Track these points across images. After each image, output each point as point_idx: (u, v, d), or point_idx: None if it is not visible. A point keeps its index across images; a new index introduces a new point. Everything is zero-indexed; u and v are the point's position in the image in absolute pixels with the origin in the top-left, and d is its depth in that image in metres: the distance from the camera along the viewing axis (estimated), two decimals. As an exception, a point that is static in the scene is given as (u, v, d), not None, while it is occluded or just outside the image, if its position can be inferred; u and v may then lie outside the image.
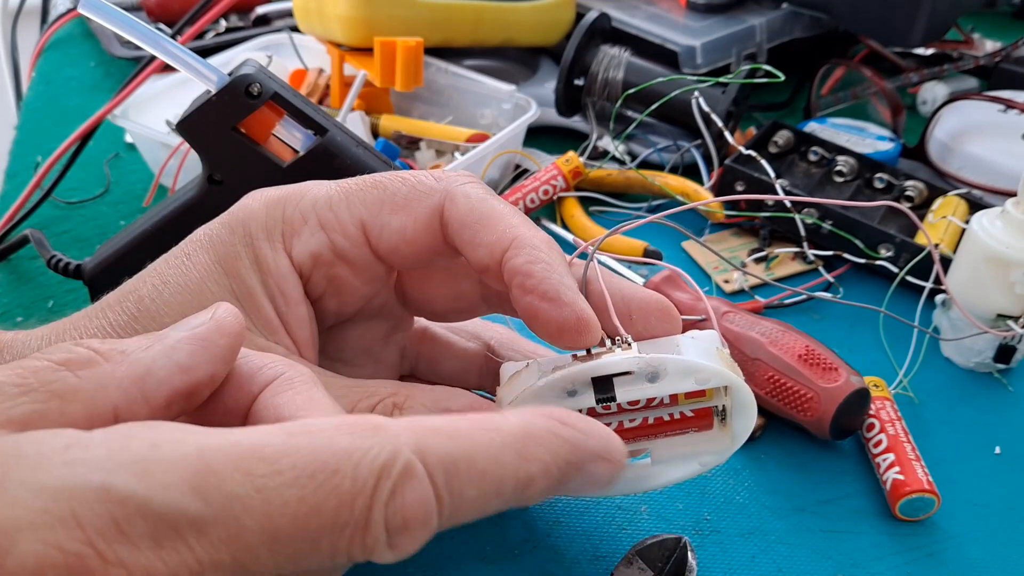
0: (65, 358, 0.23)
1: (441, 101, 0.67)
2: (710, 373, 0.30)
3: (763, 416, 0.44)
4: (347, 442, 0.21)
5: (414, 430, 0.22)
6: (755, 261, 0.55)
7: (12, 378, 0.22)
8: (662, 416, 0.32)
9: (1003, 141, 0.63)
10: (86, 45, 0.85)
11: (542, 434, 0.24)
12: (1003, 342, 0.46)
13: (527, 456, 0.23)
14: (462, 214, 0.31)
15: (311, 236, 0.31)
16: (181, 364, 0.24)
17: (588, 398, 0.30)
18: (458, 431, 0.23)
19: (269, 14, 0.83)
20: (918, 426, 0.44)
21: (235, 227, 0.32)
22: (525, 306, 0.29)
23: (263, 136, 0.41)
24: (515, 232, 0.30)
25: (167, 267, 0.32)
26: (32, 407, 0.22)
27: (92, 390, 0.23)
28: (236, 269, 0.31)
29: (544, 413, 0.25)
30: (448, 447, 0.22)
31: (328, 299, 0.33)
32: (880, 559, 0.38)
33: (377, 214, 0.31)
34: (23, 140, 0.70)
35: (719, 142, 0.61)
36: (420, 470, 0.21)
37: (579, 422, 0.25)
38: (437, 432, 0.22)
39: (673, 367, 0.29)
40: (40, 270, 0.54)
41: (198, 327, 0.25)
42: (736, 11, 0.73)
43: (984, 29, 0.83)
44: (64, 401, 0.22)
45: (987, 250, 0.45)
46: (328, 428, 0.22)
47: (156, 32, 0.38)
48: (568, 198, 0.60)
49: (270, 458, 0.21)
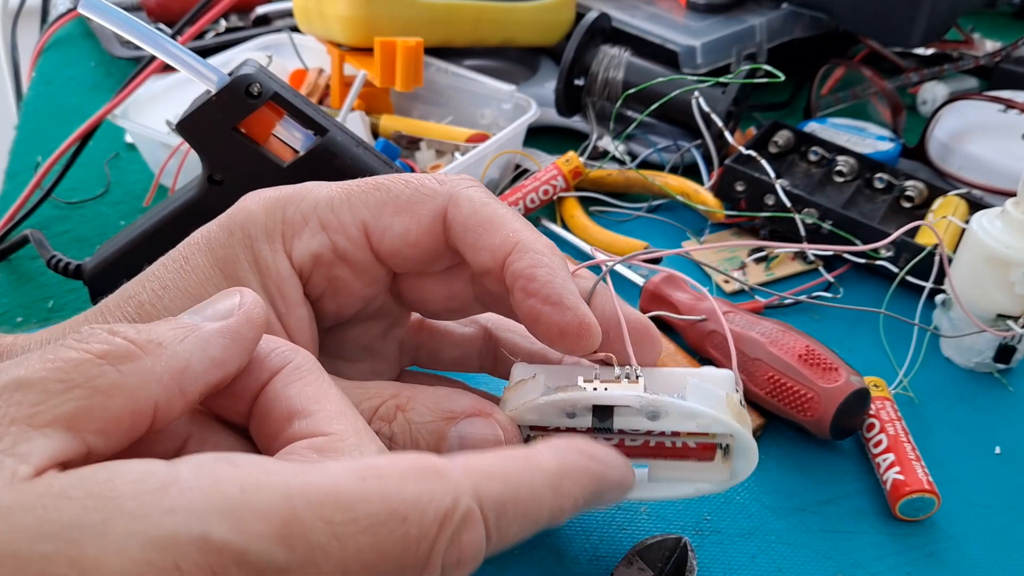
0: (105, 350, 0.23)
1: (441, 101, 0.67)
2: (711, 420, 0.30)
3: (763, 416, 0.44)
4: (415, 489, 0.23)
5: (472, 475, 0.24)
6: (755, 261, 0.55)
7: (55, 373, 0.22)
8: (664, 442, 0.32)
9: (1003, 141, 0.63)
10: (86, 45, 0.85)
11: (575, 471, 0.26)
12: (1003, 342, 0.46)
13: (561, 492, 0.25)
14: (465, 217, 0.31)
15: (312, 237, 0.31)
16: (216, 359, 0.25)
17: (586, 422, 0.31)
18: (508, 474, 0.24)
19: (269, 14, 0.83)
20: (918, 426, 0.44)
21: (233, 229, 0.32)
22: (527, 309, 0.30)
23: (263, 136, 0.41)
24: (518, 236, 0.30)
25: (166, 271, 0.31)
26: (77, 404, 0.22)
27: (134, 386, 0.23)
28: (235, 272, 0.31)
29: (575, 448, 0.26)
30: (500, 490, 0.24)
31: (327, 300, 0.33)
32: (880, 559, 0.38)
33: (380, 216, 0.31)
34: (23, 140, 0.70)
35: (719, 142, 0.61)
36: (478, 516, 0.23)
37: (604, 456, 0.27)
38: (491, 476, 0.24)
39: (675, 410, 0.30)
40: (40, 270, 0.54)
41: (228, 318, 0.26)
42: (736, 11, 0.73)
43: (984, 29, 0.83)
44: (108, 397, 0.22)
45: (987, 250, 0.45)
46: (395, 473, 0.23)
47: (156, 32, 0.38)
48: (568, 198, 0.60)
49: (346, 505, 0.22)
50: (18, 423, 0.21)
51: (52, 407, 0.21)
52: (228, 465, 0.22)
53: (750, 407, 0.44)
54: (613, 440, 0.32)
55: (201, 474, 0.21)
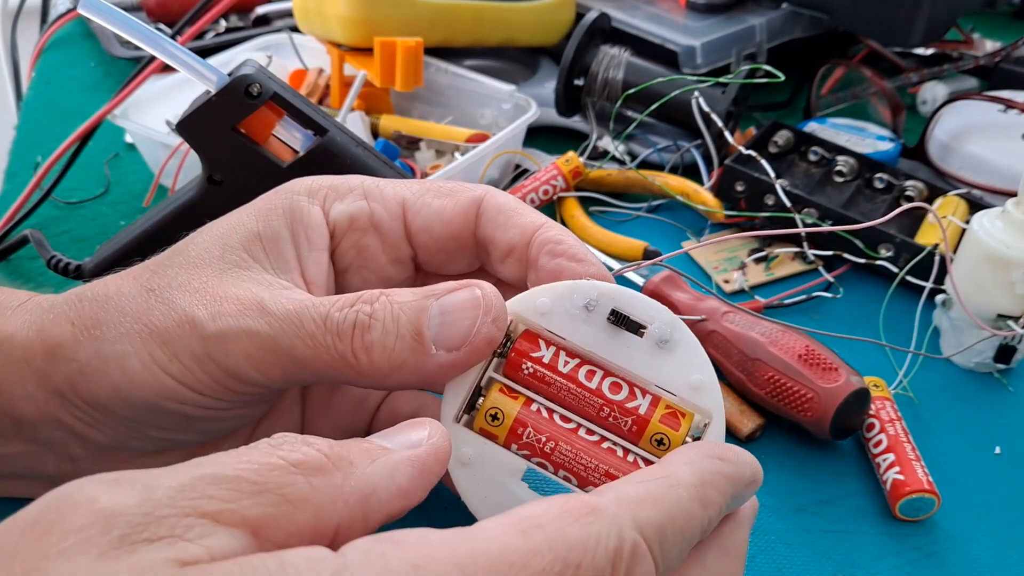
0: (299, 460, 0.23)
1: (441, 101, 0.67)
2: (709, 381, 0.29)
3: (763, 416, 0.44)
4: (577, 532, 0.22)
5: (625, 505, 0.24)
6: (755, 261, 0.55)
7: (248, 473, 0.22)
8: (616, 450, 0.30)
9: (1003, 141, 0.63)
10: (86, 45, 0.85)
11: (713, 478, 0.26)
12: (1003, 342, 0.46)
13: (708, 503, 0.26)
14: (500, 203, 0.34)
15: (353, 201, 0.34)
16: (402, 488, 0.24)
17: (599, 319, 0.30)
18: (658, 497, 0.24)
19: (269, 14, 0.83)
20: (918, 426, 0.44)
21: (280, 190, 0.34)
22: (552, 268, 0.32)
23: (263, 136, 0.41)
24: (545, 219, 0.34)
25: (211, 223, 0.34)
26: (265, 510, 0.22)
27: (322, 502, 0.23)
28: (268, 217, 0.33)
29: (704, 453, 0.27)
30: (657, 516, 0.24)
31: (352, 274, 0.35)
32: (880, 559, 0.38)
33: (420, 196, 0.34)
34: (23, 140, 0.70)
35: (719, 142, 0.62)
36: (644, 548, 0.23)
37: (732, 454, 0.27)
38: (643, 503, 0.24)
39: (686, 342, 0.29)
40: (40, 270, 0.54)
41: (417, 449, 0.25)
42: (736, 11, 0.73)
43: (984, 29, 0.83)
44: (295, 508, 0.22)
45: (987, 250, 0.45)
46: (553, 519, 0.23)
47: (156, 32, 0.38)
48: (568, 198, 0.60)
49: (519, 563, 0.22)
50: (208, 516, 0.21)
51: (241, 508, 0.21)
52: (392, 544, 0.21)
53: (750, 407, 0.44)
54: (572, 423, 0.30)
55: (370, 558, 0.21)
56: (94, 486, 0.21)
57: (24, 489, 0.35)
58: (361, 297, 0.30)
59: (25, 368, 0.31)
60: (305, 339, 0.29)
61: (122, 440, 0.33)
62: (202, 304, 0.30)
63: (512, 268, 0.34)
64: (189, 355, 0.30)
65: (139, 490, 0.21)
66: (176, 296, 0.30)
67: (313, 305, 0.29)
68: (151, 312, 0.30)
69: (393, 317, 0.29)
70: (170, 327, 0.30)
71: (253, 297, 0.30)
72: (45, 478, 0.34)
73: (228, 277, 0.31)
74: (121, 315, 0.31)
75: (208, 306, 0.30)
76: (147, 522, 0.20)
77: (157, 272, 0.32)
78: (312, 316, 0.29)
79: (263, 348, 0.29)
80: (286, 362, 0.29)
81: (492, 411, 0.30)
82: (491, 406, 0.30)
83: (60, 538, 0.20)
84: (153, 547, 0.20)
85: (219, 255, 0.32)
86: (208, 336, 0.29)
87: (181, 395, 0.30)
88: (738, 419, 0.43)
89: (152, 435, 0.32)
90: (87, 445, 0.33)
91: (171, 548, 0.20)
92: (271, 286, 0.31)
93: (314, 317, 0.29)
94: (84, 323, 0.31)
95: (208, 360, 0.30)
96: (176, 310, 0.30)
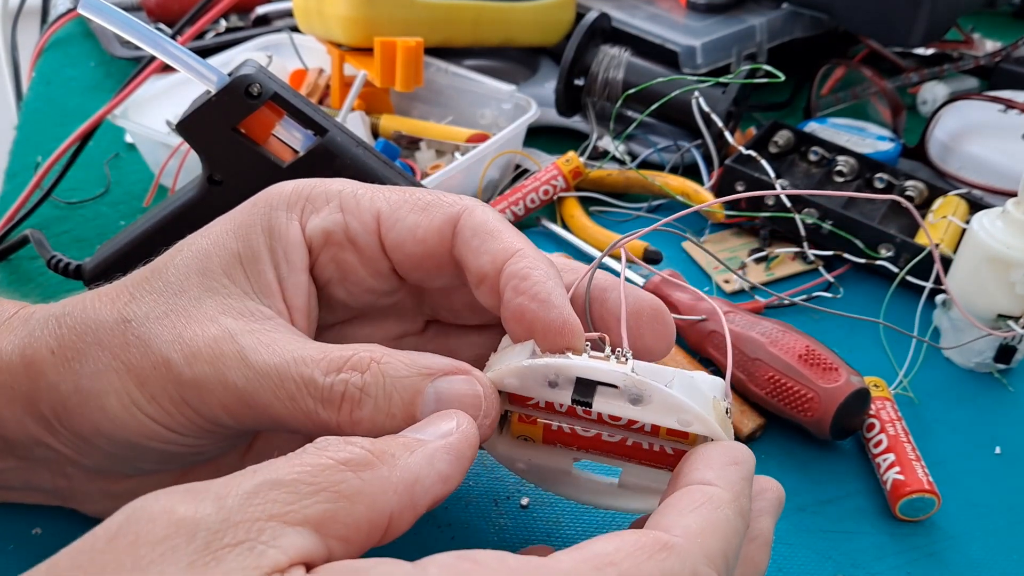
0: (347, 458, 0.24)
1: (441, 101, 0.67)
2: (694, 417, 0.28)
3: (763, 416, 0.44)
4: (654, 570, 0.23)
5: (692, 537, 0.24)
6: (755, 261, 0.55)
7: (303, 476, 0.23)
8: (641, 443, 0.31)
9: (1003, 141, 0.63)
10: (86, 45, 0.85)
11: (740, 486, 0.27)
12: (1003, 342, 0.46)
13: (743, 512, 0.26)
14: (476, 224, 0.32)
15: (329, 215, 0.33)
16: (442, 474, 0.26)
17: (566, 395, 0.29)
18: (715, 525, 0.25)
19: (269, 14, 0.83)
20: (918, 426, 0.44)
21: (258, 201, 0.33)
22: (515, 308, 0.30)
23: (263, 136, 0.41)
24: (520, 246, 0.31)
25: (191, 237, 0.33)
26: (324, 507, 0.23)
27: (374, 494, 0.24)
28: (247, 235, 0.32)
29: (725, 461, 0.28)
30: (719, 545, 0.25)
31: (336, 286, 0.34)
32: (880, 559, 0.38)
33: (396, 209, 0.33)
34: (23, 140, 0.70)
35: (719, 142, 0.62)
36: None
37: (740, 454, 0.28)
38: (703, 533, 0.25)
39: (659, 398, 0.28)
40: (40, 270, 0.54)
41: (450, 437, 0.27)
42: (736, 11, 0.73)
43: (984, 29, 0.83)
44: (351, 503, 0.23)
45: (987, 250, 0.45)
46: (627, 557, 0.23)
47: (156, 32, 0.38)
48: (568, 198, 0.60)
49: None
50: (276, 519, 0.22)
51: (303, 507, 0.23)
52: (472, 563, 0.23)
53: (750, 407, 0.44)
54: (591, 432, 0.31)
55: (449, 574, 0.22)
56: (168, 497, 0.22)
57: (22, 498, 0.35)
58: (350, 361, 0.29)
59: (11, 391, 0.31)
60: (284, 400, 0.28)
61: (110, 467, 0.33)
62: (177, 345, 0.29)
63: (485, 296, 0.32)
64: (166, 397, 0.29)
65: (213, 499, 0.22)
66: (153, 330, 0.30)
67: (295, 363, 0.29)
68: (128, 348, 0.30)
69: (386, 395, 0.28)
70: (146, 368, 0.29)
71: (231, 342, 0.29)
72: (42, 491, 0.35)
73: (207, 306, 0.30)
74: (99, 348, 0.30)
75: (183, 347, 0.29)
76: (226, 528, 0.21)
77: (135, 297, 0.31)
78: (294, 376, 0.28)
79: (239, 401, 0.29)
80: (263, 417, 0.29)
81: (521, 436, 0.33)
82: (519, 433, 0.32)
83: (148, 549, 0.21)
84: (235, 553, 0.21)
85: (198, 281, 0.31)
86: (184, 381, 0.29)
87: (161, 435, 0.30)
88: (738, 419, 0.43)
89: (139, 466, 0.33)
90: (77, 466, 0.33)
91: (251, 553, 0.21)
92: (252, 318, 0.30)
93: (295, 378, 0.28)
94: (64, 352, 0.31)
95: (184, 404, 0.29)
96: (152, 350, 0.29)
